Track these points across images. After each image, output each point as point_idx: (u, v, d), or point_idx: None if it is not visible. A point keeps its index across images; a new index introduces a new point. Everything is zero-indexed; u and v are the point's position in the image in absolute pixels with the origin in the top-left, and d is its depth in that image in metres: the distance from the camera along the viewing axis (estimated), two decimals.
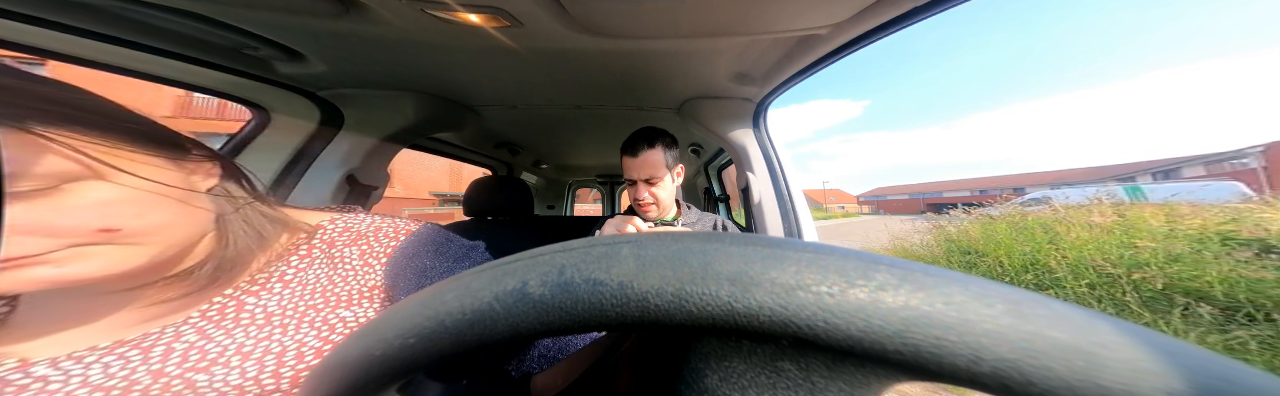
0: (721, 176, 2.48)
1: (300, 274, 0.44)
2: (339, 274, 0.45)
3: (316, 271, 0.45)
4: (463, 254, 0.54)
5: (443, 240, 0.54)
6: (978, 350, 0.12)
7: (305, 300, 0.43)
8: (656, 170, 1.03)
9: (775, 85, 1.05)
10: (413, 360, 0.16)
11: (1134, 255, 3.57)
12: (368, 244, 0.48)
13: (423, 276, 0.47)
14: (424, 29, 0.74)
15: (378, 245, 0.49)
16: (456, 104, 1.27)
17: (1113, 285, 3.38)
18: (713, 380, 0.16)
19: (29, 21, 0.62)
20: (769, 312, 0.13)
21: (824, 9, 0.67)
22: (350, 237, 0.49)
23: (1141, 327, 0.13)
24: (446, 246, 0.53)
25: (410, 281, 0.46)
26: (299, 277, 0.44)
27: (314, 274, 0.45)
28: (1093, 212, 4.51)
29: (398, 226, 0.53)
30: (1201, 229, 3.76)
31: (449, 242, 0.55)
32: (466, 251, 0.55)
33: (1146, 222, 4.08)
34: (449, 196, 21.13)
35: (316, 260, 0.46)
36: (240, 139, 1.00)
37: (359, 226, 0.50)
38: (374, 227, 0.51)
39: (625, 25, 0.73)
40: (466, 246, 0.56)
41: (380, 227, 0.51)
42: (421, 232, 0.53)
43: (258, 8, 0.67)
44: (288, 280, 0.43)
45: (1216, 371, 0.12)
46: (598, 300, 0.14)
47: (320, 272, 0.45)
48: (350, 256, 0.47)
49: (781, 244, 0.15)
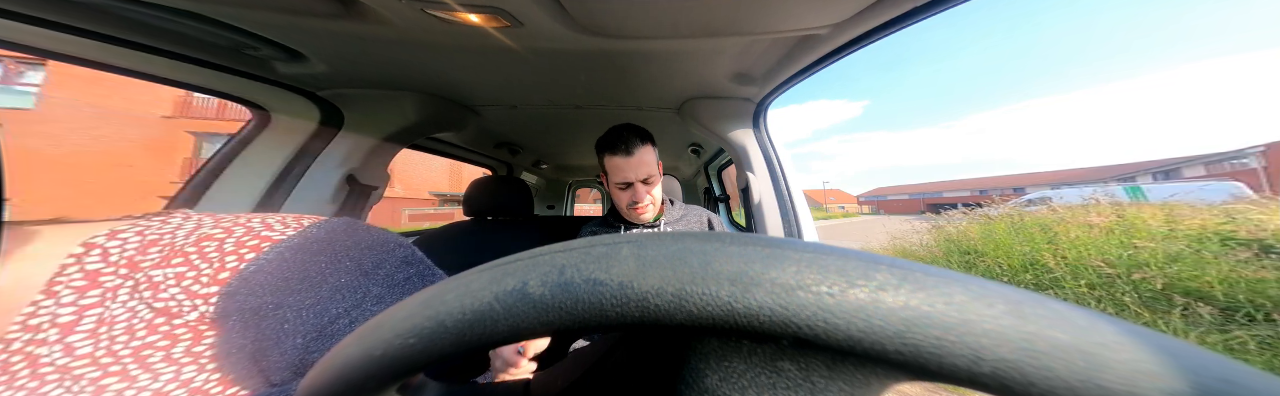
0: (721, 176, 2.48)
1: (92, 313, 0.32)
2: (158, 306, 0.33)
3: (123, 306, 0.33)
4: (398, 266, 0.41)
5: (365, 244, 0.40)
6: (978, 350, 0.12)
7: (112, 347, 0.31)
8: (652, 168, 1.01)
9: (775, 85, 1.05)
10: (413, 360, 0.16)
11: (1133, 255, 3.57)
12: (188, 262, 0.34)
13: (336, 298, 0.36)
14: (424, 29, 0.74)
15: (206, 264, 0.34)
16: (456, 104, 1.27)
17: (1112, 285, 3.39)
18: (713, 380, 0.16)
19: (29, 21, 0.62)
20: (769, 312, 0.13)
21: (824, 9, 0.67)
22: (161, 255, 0.35)
23: (1142, 328, 0.13)
24: (374, 252, 0.40)
25: (312, 306, 0.35)
26: (97, 317, 0.32)
27: (121, 310, 0.33)
28: (1091, 213, 4.52)
29: (252, 230, 0.37)
30: (1201, 229, 3.76)
31: (377, 247, 0.41)
32: (403, 262, 0.42)
33: (1145, 223, 4.08)
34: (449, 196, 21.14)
35: (117, 291, 0.33)
36: (240, 139, 1.00)
37: (170, 237, 0.36)
38: (198, 236, 0.36)
39: (625, 25, 0.73)
40: (401, 258, 0.42)
41: (210, 236, 0.36)
42: (316, 234, 0.39)
43: (258, 8, 0.67)
44: (65, 323, 0.32)
45: (1217, 371, 0.12)
46: (598, 300, 0.14)
47: (134, 305, 0.33)
48: (165, 282, 0.33)
49: (781, 244, 0.15)
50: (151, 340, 0.32)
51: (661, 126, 1.52)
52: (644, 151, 0.99)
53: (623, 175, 1.00)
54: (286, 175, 1.01)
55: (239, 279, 0.34)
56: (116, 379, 0.31)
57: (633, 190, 1.02)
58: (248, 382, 0.34)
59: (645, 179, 1.01)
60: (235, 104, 0.99)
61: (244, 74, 0.90)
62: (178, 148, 15.32)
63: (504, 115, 1.42)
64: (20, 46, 0.67)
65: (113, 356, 0.31)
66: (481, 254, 1.35)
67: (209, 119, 15.71)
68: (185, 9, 0.66)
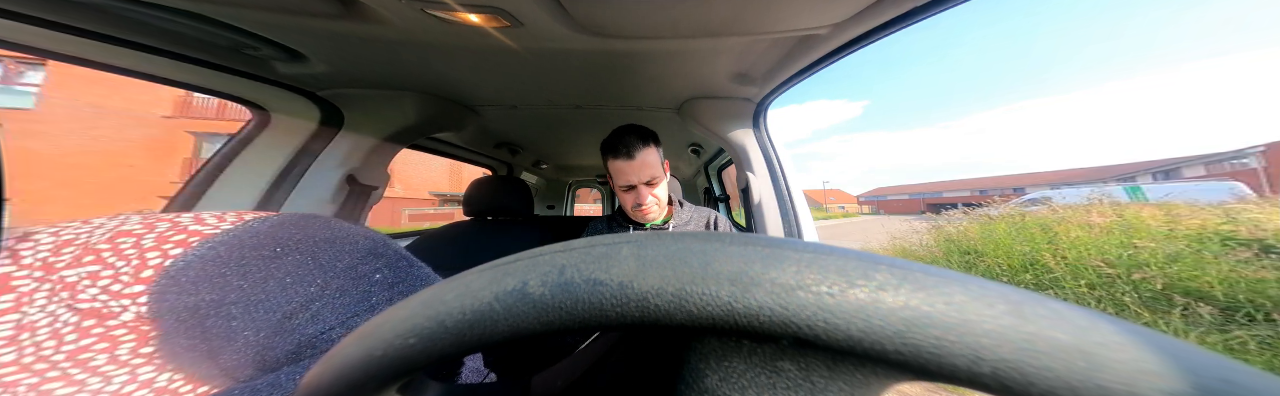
0: (721, 176, 2.48)
1: (8, 319, 0.30)
2: (81, 308, 0.31)
3: (41, 310, 0.31)
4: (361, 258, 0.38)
5: (320, 238, 0.38)
6: (978, 350, 0.12)
7: (40, 353, 0.30)
8: (655, 170, 1.00)
9: (775, 85, 1.05)
10: (413, 360, 0.16)
11: (1133, 255, 3.58)
12: (101, 260, 0.32)
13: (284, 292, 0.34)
14: (424, 29, 0.74)
15: (123, 262, 0.32)
16: (456, 104, 1.27)
17: (1112, 285, 3.39)
18: (713, 380, 0.16)
19: (29, 21, 0.62)
20: (769, 312, 0.13)
21: (824, 9, 0.67)
22: (72, 255, 0.32)
23: (1143, 328, 0.13)
24: (333, 246, 0.38)
25: (249, 303, 0.33)
26: (14, 323, 0.30)
27: (39, 314, 0.30)
28: (1091, 213, 4.52)
29: (177, 224, 0.35)
30: (1201, 229, 3.76)
31: (337, 240, 0.39)
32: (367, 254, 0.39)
33: (1145, 223, 4.08)
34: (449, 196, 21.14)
35: (32, 295, 0.31)
36: (240, 139, 1.00)
37: (86, 236, 0.34)
38: (114, 233, 0.33)
39: (625, 25, 0.73)
40: (366, 250, 0.40)
41: (127, 232, 0.34)
42: (258, 227, 0.37)
43: (258, 8, 0.67)
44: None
45: (1217, 372, 0.12)
46: (598, 300, 0.14)
47: (53, 309, 0.31)
48: (81, 282, 0.31)
49: (781, 244, 0.15)
50: (86, 343, 0.30)
51: (661, 126, 1.51)
52: (646, 153, 0.98)
53: (625, 178, 1.00)
54: (286, 175, 1.01)
55: (165, 276, 0.32)
56: (60, 384, 0.29)
57: (636, 192, 1.02)
58: (215, 381, 0.33)
59: (648, 181, 1.00)
60: (235, 104, 0.99)
61: (244, 74, 0.90)
62: (178, 148, 15.32)
63: (504, 115, 1.42)
64: (20, 46, 0.67)
65: (45, 362, 0.30)
66: (481, 254, 1.35)
67: (209, 119, 15.72)
68: (185, 9, 0.66)
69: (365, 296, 0.37)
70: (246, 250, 0.35)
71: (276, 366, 0.32)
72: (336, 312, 0.35)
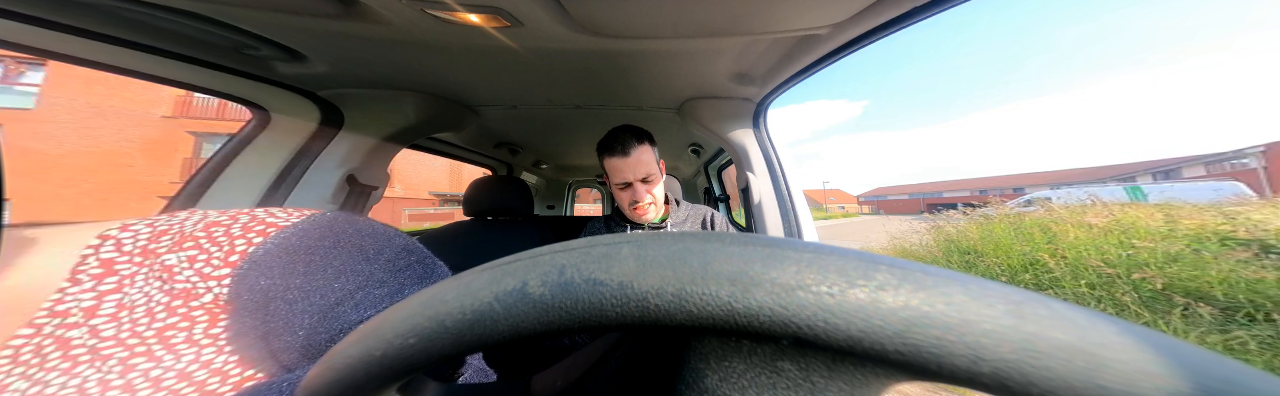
0: (721, 176, 2.48)
1: (112, 298, 0.34)
2: (175, 288, 0.35)
3: (139, 291, 0.35)
4: (394, 255, 0.42)
5: (366, 232, 0.43)
6: (978, 350, 0.12)
7: (135, 328, 0.34)
8: (651, 167, 1.01)
9: (775, 85, 1.05)
10: (413, 360, 0.16)
11: (1133, 255, 3.58)
12: (199, 246, 0.37)
13: (339, 281, 0.37)
14: (424, 29, 0.74)
15: (216, 248, 0.37)
16: (456, 104, 1.27)
17: (1112, 285, 3.39)
18: (713, 380, 0.16)
19: (29, 21, 0.62)
20: (769, 312, 0.13)
21: (824, 9, 0.67)
22: (172, 241, 0.37)
23: (1143, 328, 0.13)
24: (370, 243, 0.42)
25: (314, 288, 0.36)
26: (116, 302, 0.34)
27: (138, 294, 0.35)
28: (1090, 213, 4.52)
29: (257, 217, 0.40)
30: (1200, 229, 3.76)
31: (378, 235, 0.43)
32: (398, 254, 0.43)
33: (1145, 223, 4.08)
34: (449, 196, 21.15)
35: (133, 277, 0.36)
36: (240, 139, 1.00)
37: (181, 226, 0.39)
38: (206, 224, 0.38)
39: (625, 25, 0.73)
40: (401, 246, 0.44)
41: (217, 222, 0.39)
42: (319, 220, 0.41)
43: (258, 8, 0.67)
44: (88, 308, 0.34)
45: (1218, 372, 0.12)
46: (598, 300, 0.14)
47: (149, 290, 0.35)
48: (179, 265, 0.36)
49: (781, 244, 0.15)
50: (172, 322, 0.34)
51: (661, 126, 1.52)
52: (641, 151, 0.99)
53: (621, 175, 1.01)
54: (286, 175, 1.01)
55: (248, 261, 0.36)
56: (143, 358, 0.33)
57: (632, 190, 1.03)
58: (261, 365, 0.36)
59: (644, 178, 1.01)
60: (235, 104, 0.99)
61: (244, 74, 0.90)
62: (178, 148, 15.33)
63: (504, 115, 1.42)
64: (20, 46, 0.67)
65: (138, 337, 0.33)
66: (482, 254, 1.35)
67: (209, 119, 15.72)
68: (185, 9, 0.66)
69: (400, 288, 0.40)
70: (311, 240, 0.39)
71: (319, 351, 0.35)
72: (376, 302, 0.38)
